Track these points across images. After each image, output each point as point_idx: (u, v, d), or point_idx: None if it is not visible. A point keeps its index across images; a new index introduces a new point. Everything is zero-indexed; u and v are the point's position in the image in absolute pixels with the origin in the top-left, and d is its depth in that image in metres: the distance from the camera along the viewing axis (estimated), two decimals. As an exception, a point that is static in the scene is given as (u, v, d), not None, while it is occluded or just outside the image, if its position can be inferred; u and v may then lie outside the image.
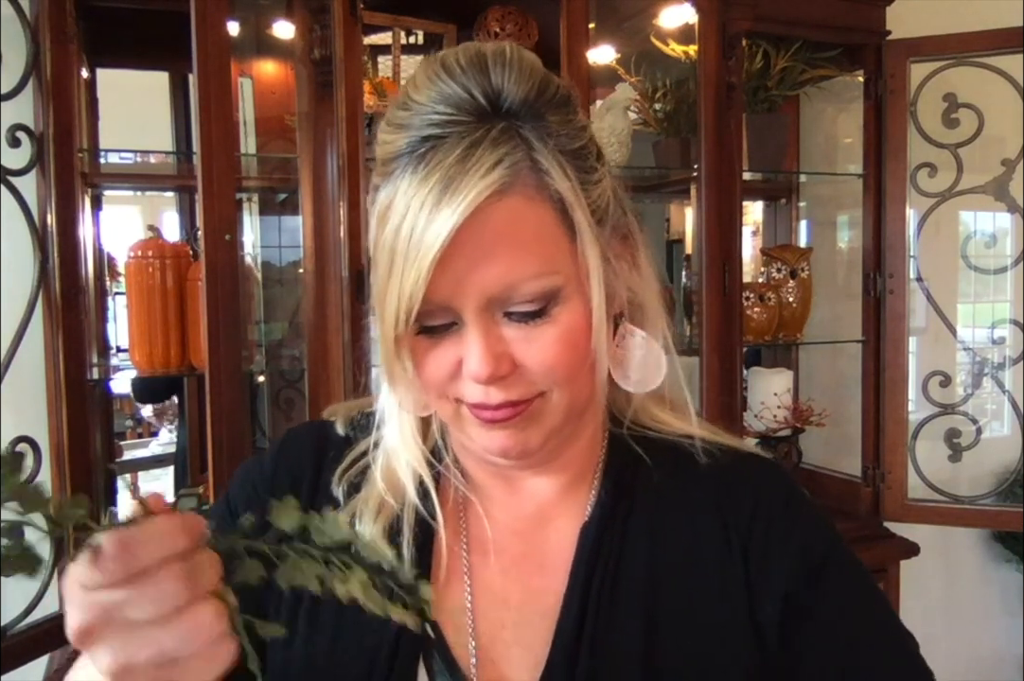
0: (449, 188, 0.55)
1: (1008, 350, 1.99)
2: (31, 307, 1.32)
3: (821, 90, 2.06)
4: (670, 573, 0.65)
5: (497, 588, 0.67)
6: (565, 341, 0.59)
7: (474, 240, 0.55)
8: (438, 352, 0.60)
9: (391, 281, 0.57)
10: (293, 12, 1.57)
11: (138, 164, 1.82)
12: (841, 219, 2.25)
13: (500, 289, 0.57)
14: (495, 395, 0.59)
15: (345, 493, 0.68)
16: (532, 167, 0.58)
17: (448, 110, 0.57)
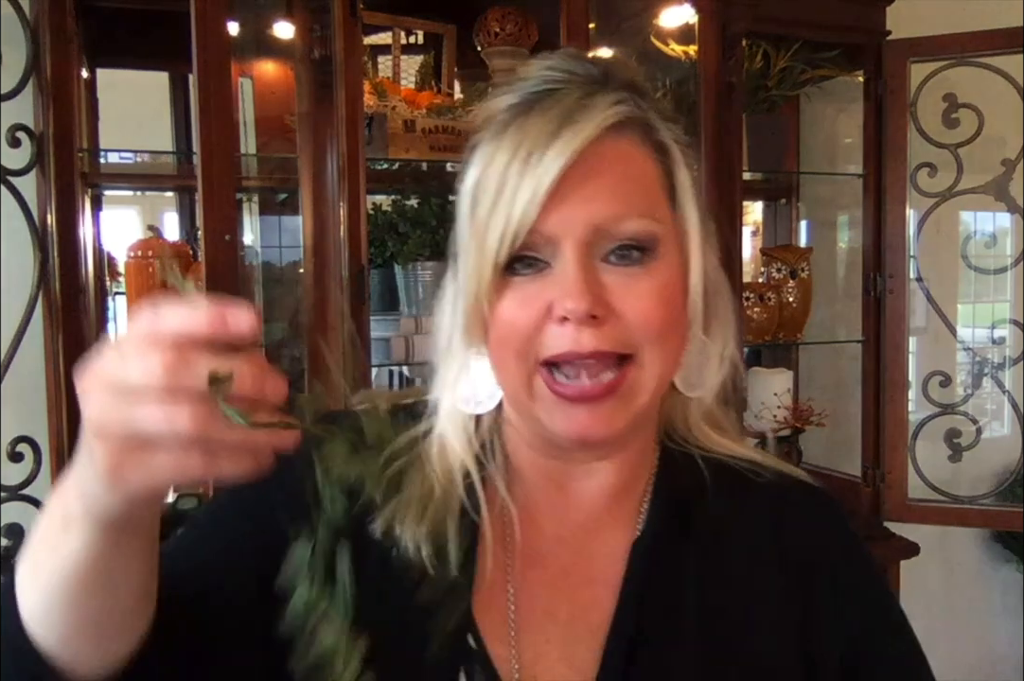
0: (571, 119, 0.56)
1: (1008, 350, 1.99)
2: (31, 307, 1.32)
3: (821, 90, 2.05)
4: (726, 599, 0.63)
5: (543, 600, 0.64)
6: (662, 295, 0.58)
7: (587, 171, 0.56)
8: (525, 294, 0.57)
9: (499, 207, 0.56)
10: (293, 12, 1.57)
11: (138, 164, 1.82)
12: (841, 219, 2.25)
13: (606, 219, 0.56)
14: (587, 340, 0.55)
15: (384, 496, 0.62)
16: (644, 121, 0.60)
17: (561, 74, 0.59)
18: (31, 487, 1.32)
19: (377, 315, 1.60)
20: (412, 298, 1.65)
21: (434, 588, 0.59)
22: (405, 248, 1.60)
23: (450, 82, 1.87)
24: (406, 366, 1.71)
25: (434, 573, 0.60)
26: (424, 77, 1.82)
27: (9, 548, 1.31)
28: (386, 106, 1.58)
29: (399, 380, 2.44)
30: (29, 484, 1.32)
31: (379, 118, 1.54)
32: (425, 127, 1.59)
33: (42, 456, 1.33)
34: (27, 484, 1.31)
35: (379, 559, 0.61)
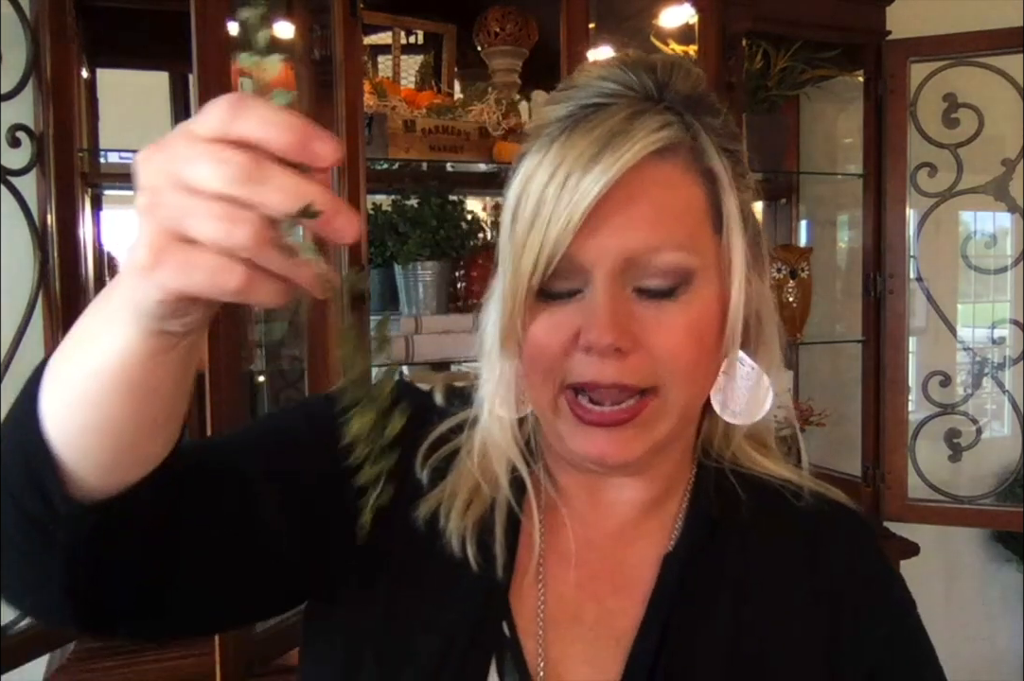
0: (612, 142, 0.54)
1: (1008, 350, 1.99)
2: (31, 307, 1.32)
3: (821, 90, 2.06)
4: (753, 617, 0.63)
5: (571, 601, 0.64)
6: (693, 329, 0.57)
7: (625, 199, 0.54)
8: (556, 319, 0.57)
9: (534, 231, 0.55)
10: (293, 12, 1.57)
11: (138, 164, 1.82)
12: (841, 219, 2.25)
13: (640, 251, 0.55)
14: (609, 372, 0.56)
15: (428, 479, 0.64)
16: (692, 144, 0.57)
17: (614, 86, 0.57)
18: (31, 487, 1.32)
19: (377, 315, 1.60)
20: (412, 298, 1.65)
21: (472, 577, 0.62)
22: (405, 248, 1.60)
23: (450, 82, 1.87)
24: (406, 366, 1.70)
25: (478, 570, 0.62)
26: (424, 77, 1.82)
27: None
28: (386, 106, 1.58)
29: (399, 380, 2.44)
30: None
31: (379, 118, 1.54)
32: (425, 127, 1.59)
33: (42, 456, 1.33)
34: (27, 484, 1.31)
35: (422, 542, 0.63)
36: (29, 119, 1.33)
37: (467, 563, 0.62)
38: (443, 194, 1.67)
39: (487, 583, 0.63)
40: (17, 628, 1.30)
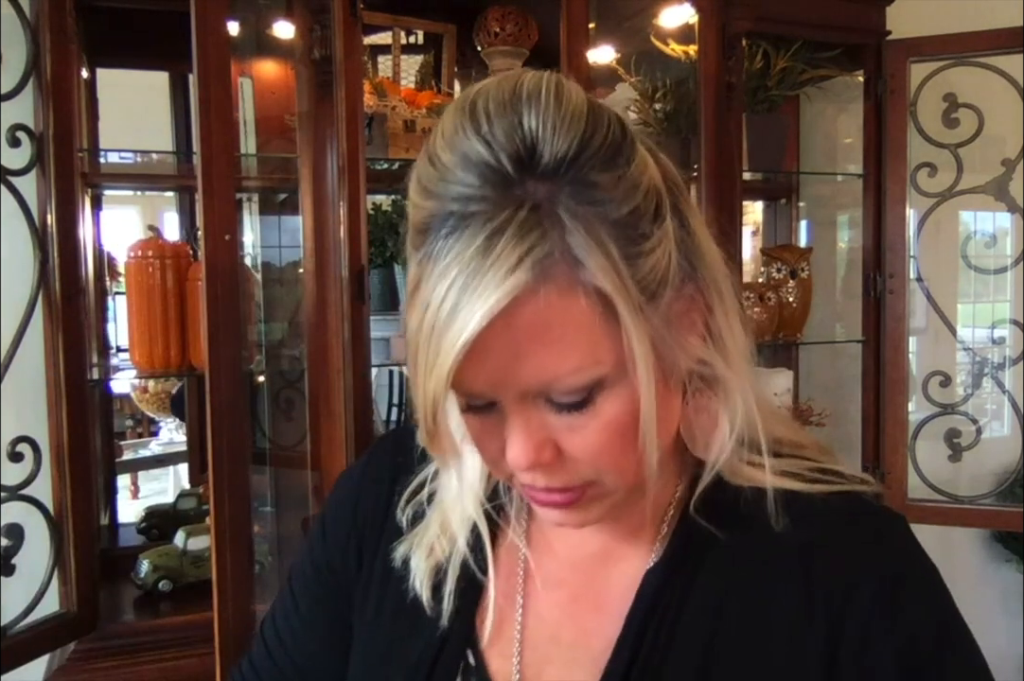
0: (467, 289, 0.49)
1: (1008, 350, 1.99)
2: (31, 307, 1.32)
3: (821, 90, 2.05)
4: (733, 636, 0.60)
5: (550, 622, 0.65)
6: (611, 430, 0.54)
7: (504, 339, 0.50)
8: (486, 430, 0.57)
9: (416, 377, 0.52)
10: (293, 12, 1.57)
11: (138, 164, 1.82)
12: (841, 219, 2.25)
13: (536, 385, 0.52)
14: (540, 480, 0.56)
15: (409, 521, 0.69)
16: (565, 256, 0.50)
17: (473, 181, 0.50)
18: (31, 487, 1.32)
19: (377, 315, 1.60)
20: (412, 298, 1.65)
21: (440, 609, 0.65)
22: (405, 248, 1.60)
23: (450, 82, 1.87)
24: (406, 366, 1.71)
25: (430, 612, 0.65)
26: (424, 77, 1.82)
27: (9, 548, 1.31)
28: (386, 106, 1.58)
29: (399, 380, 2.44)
30: (29, 484, 1.32)
31: (379, 118, 1.54)
32: (425, 127, 1.59)
33: (42, 456, 1.33)
34: (27, 484, 1.31)
35: (399, 580, 0.68)
36: (29, 119, 1.33)
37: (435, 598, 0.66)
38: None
39: (449, 621, 0.65)
40: (17, 628, 1.30)
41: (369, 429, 1.45)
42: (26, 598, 1.31)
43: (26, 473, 1.31)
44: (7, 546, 1.30)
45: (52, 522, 1.35)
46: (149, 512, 1.81)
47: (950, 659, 0.59)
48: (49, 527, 1.35)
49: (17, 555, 1.31)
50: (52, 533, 1.35)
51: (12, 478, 1.30)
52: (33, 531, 1.33)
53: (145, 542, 1.75)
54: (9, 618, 1.29)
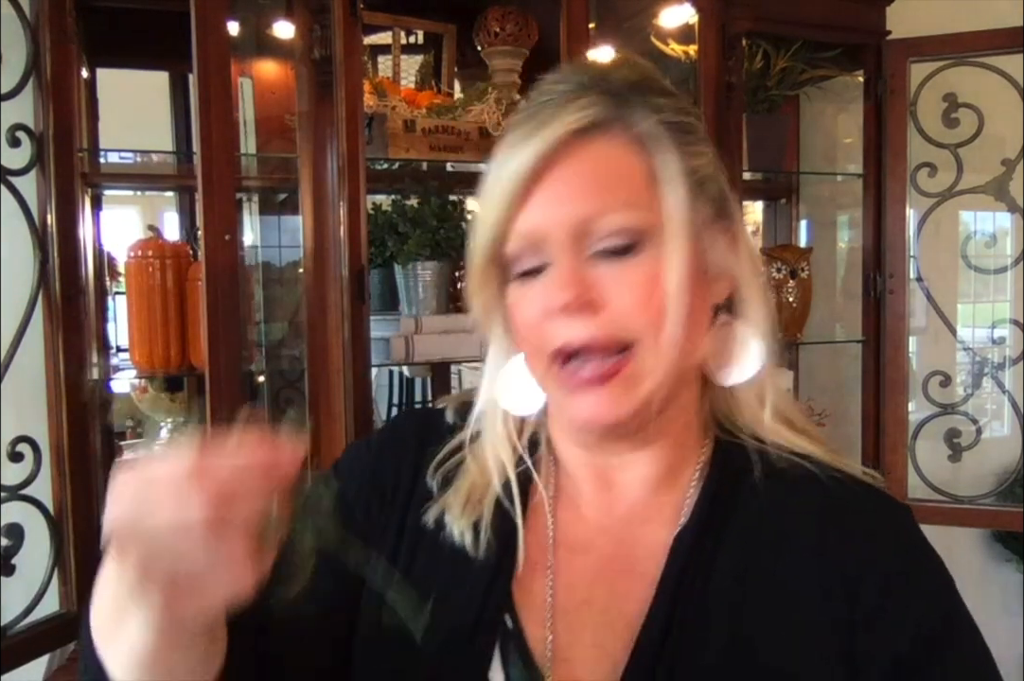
0: (542, 124, 0.60)
1: (1008, 350, 1.99)
2: (31, 307, 1.32)
3: (821, 90, 2.05)
4: (760, 599, 0.62)
5: (582, 587, 0.66)
6: (652, 283, 0.60)
7: (564, 173, 0.60)
8: (530, 294, 0.62)
9: (485, 212, 0.62)
10: (293, 12, 1.57)
11: (138, 164, 1.82)
12: (841, 219, 2.25)
13: (588, 216, 0.59)
14: (579, 330, 0.60)
15: (439, 485, 0.70)
16: (622, 119, 0.62)
17: (561, 86, 0.63)
18: (31, 487, 1.32)
19: (377, 315, 1.60)
20: (412, 298, 1.65)
21: (476, 570, 0.66)
22: (405, 248, 1.60)
23: (450, 82, 1.87)
24: (406, 366, 1.70)
25: (474, 555, 0.66)
26: (424, 77, 1.82)
27: (9, 548, 1.31)
28: (386, 106, 1.58)
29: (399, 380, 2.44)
30: (29, 484, 1.32)
31: (379, 118, 1.54)
32: (425, 127, 1.59)
33: (42, 456, 1.33)
34: (27, 484, 1.31)
35: (429, 543, 0.68)
36: (29, 119, 1.33)
37: (468, 562, 0.65)
38: (443, 194, 1.67)
39: (488, 578, 0.65)
40: (17, 628, 1.30)
41: (369, 429, 1.45)
42: (26, 598, 1.31)
43: (26, 473, 1.31)
44: (7, 546, 1.31)
45: (52, 522, 1.35)
46: (149, 512, 1.81)
47: (959, 627, 0.63)
48: (49, 527, 1.35)
49: (17, 555, 1.31)
50: (52, 533, 1.35)
51: (12, 478, 1.30)
52: (33, 531, 1.33)
53: (145, 542, 1.74)
54: (9, 618, 1.29)
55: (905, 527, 0.66)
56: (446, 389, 2.23)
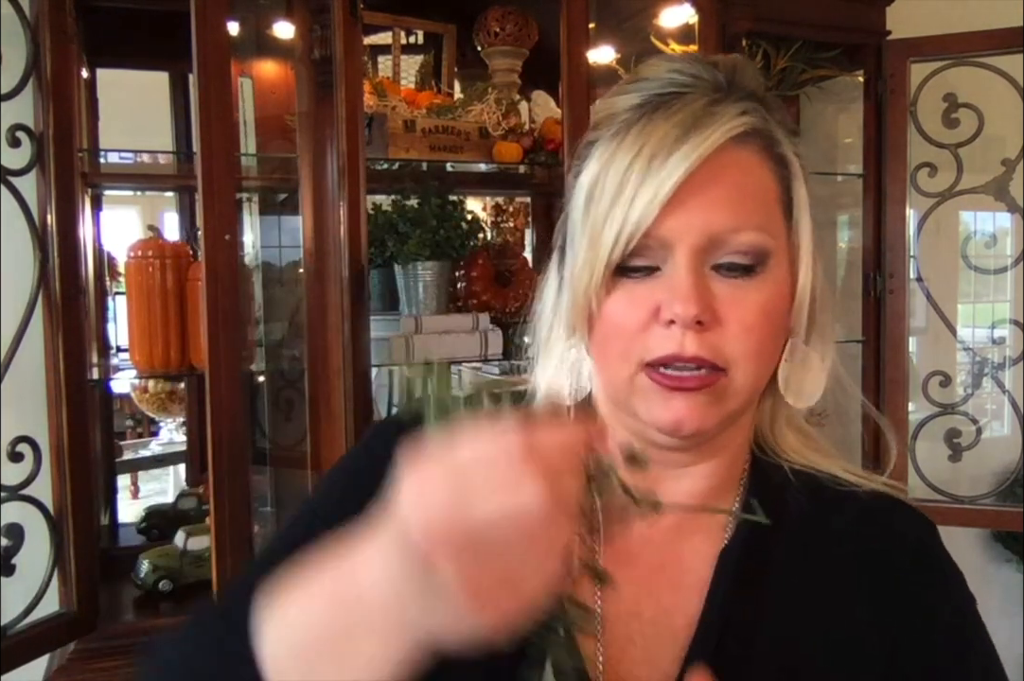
0: (696, 125, 0.56)
1: (1008, 350, 1.99)
2: (31, 307, 1.32)
3: (821, 90, 2.05)
4: (808, 613, 0.63)
5: (629, 598, 0.64)
6: (767, 307, 0.59)
7: (708, 180, 0.56)
8: (634, 295, 0.59)
9: (616, 208, 0.57)
10: (293, 12, 1.57)
11: (138, 164, 1.82)
12: (841, 219, 2.25)
13: (722, 230, 0.57)
14: (690, 345, 0.57)
15: None
16: (767, 132, 0.60)
17: (687, 78, 0.60)
18: (31, 487, 1.32)
19: (377, 315, 1.60)
20: (412, 298, 1.65)
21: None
22: (405, 248, 1.60)
23: (450, 82, 1.87)
24: (406, 366, 1.70)
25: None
26: (424, 77, 1.82)
27: (9, 548, 1.31)
28: (386, 106, 1.58)
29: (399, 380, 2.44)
30: (29, 484, 1.32)
31: (379, 118, 1.54)
32: (425, 127, 1.59)
33: (42, 456, 1.33)
34: (27, 484, 1.31)
35: None
36: (29, 119, 1.33)
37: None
38: (443, 194, 1.67)
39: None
40: (17, 628, 1.30)
41: (369, 429, 1.45)
42: (26, 598, 1.31)
43: (26, 473, 1.31)
44: (7, 546, 1.31)
45: (52, 522, 1.35)
46: (149, 512, 1.81)
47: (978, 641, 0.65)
48: (49, 527, 1.35)
49: (17, 555, 1.31)
50: (52, 533, 1.35)
51: (12, 478, 1.30)
52: (33, 531, 1.33)
53: (145, 542, 1.75)
54: (9, 618, 1.29)
55: (935, 544, 0.68)
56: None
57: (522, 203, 2.14)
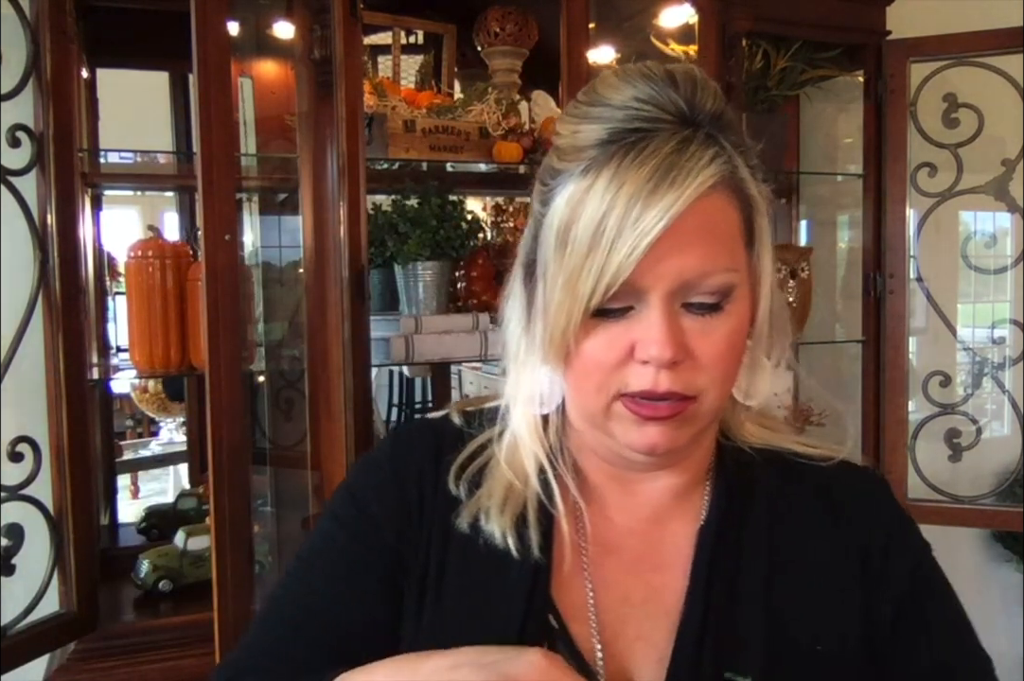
0: (670, 175, 0.58)
1: (1008, 350, 1.99)
2: (31, 307, 1.32)
3: (821, 90, 2.05)
4: (786, 575, 0.69)
5: (618, 585, 0.69)
6: (732, 338, 0.63)
7: (680, 227, 0.58)
8: (611, 335, 0.62)
9: (592, 258, 0.59)
10: (293, 12, 1.57)
11: (138, 164, 1.82)
12: (841, 219, 2.25)
13: (694, 275, 0.60)
14: (664, 382, 0.61)
15: (466, 492, 0.71)
16: (733, 171, 0.62)
17: (650, 109, 0.60)
18: (31, 487, 1.32)
19: (377, 315, 1.60)
20: (412, 298, 1.65)
21: (515, 572, 0.67)
22: (405, 248, 1.60)
23: (450, 82, 1.87)
24: (406, 366, 1.71)
25: (517, 555, 0.67)
26: (424, 77, 1.82)
27: (9, 548, 1.31)
28: (386, 106, 1.58)
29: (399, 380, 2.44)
30: (29, 484, 1.32)
31: (379, 118, 1.54)
32: (425, 127, 1.59)
33: (42, 456, 1.33)
34: (27, 484, 1.31)
35: (462, 549, 0.69)
36: (29, 119, 1.33)
37: (507, 566, 0.67)
38: (443, 194, 1.67)
39: (530, 579, 0.67)
40: (17, 628, 1.30)
41: (369, 429, 1.45)
42: (26, 598, 1.31)
43: (26, 473, 1.31)
44: (7, 546, 1.30)
45: (52, 522, 1.35)
46: (149, 512, 1.81)
47: (940, 578, 0.74)
48: (49, 527, 1.35)
49: (17, 555, 1.31)
50: (52, 533, 1.35)
51: (12, 478, 1.30)
52: (33, 531, 1.33)
53: (145, 542, 1.75)
54: (9, 618, 1.29)
55: (888, 495, 0.76)
56: (446, 389, 2.23)
57: (522, 203, 2.14)
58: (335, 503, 0.75)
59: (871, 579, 0.70)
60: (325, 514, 0.75)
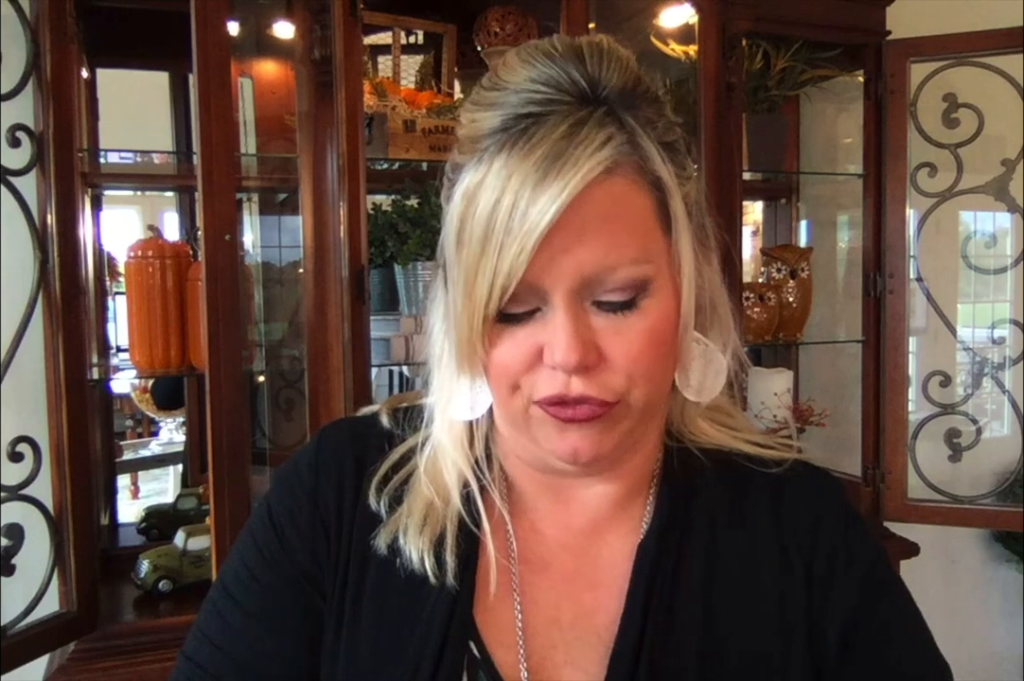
0: (557, 163, 0.52)
1: (1008, 350, 1.99)
2: (31, 307, 1.32)
3: (821, 90, 2.05)
4: (727, 594, 0.64)
5: (548, 605, 0.64)
6: (652, 335, 0.57)
7: (575, 219, 0.53)
8: (517, 339, 0.57)
9: (485, 258, 0.54)
10: (293, 12, 1.57)
11: (138, 164, 1.82)
12: (841, 219, 2.25)
13: (596, 271, 0.54)
14: (576, 386, 0.56)
15: (387, 508, 0.65)
16: (635, 151, 0.56)
17: (547, 90, 0.55)
18: (31, 487, 1.32)
19: (377, 315, 1.60)
20: (412, 298, 1.65)
21: (435, 597, 0.62)
22: (405, 248, 1.60)
23: (450, 82, 1.87)
24: (406, 366, 1.70)
25: (435, 581, 0.62)
26: (424, 77, 1.82)
27: (9, 548, 1.31)
28: (386, 106, 1.58)
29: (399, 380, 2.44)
30: (29, 484, 1.32)
31: (379, 118, 1.54)
32: (425, 127, 1.59)
33: (42, 456, 1.33)
34: (27, 484, 1.31)
35: (380, 572, 0.64)
36: (29, 119, 1.33)
37: (426, 591, 0.62)
38: (443, 194, 1.67)
39: (449, 604, 0.62)
40: (17, 628, 1.30)
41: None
42: (26, 598, 1.31)
43: (26, 473, 1.31)
44: (7, 546, 1.30)
45: (52, 522, 1.35)
46: (149, 512, 1.81)
47: (893, 583, 0.68)
48: (49, 527, 1.35)
49: (17, 555, 1.31)
50: (52, 533, 1.35)
51: (12, 478, 1.30)
52: (33, 531, 1.33)
53: (145, 542, 1.75)
54: (9, 618, 1.29)
55: (842, 501, 0.71)
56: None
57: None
58: (254, 518, 0.70)
59: (816, 601, 0.65)
60: (247, 527, 0.71)
